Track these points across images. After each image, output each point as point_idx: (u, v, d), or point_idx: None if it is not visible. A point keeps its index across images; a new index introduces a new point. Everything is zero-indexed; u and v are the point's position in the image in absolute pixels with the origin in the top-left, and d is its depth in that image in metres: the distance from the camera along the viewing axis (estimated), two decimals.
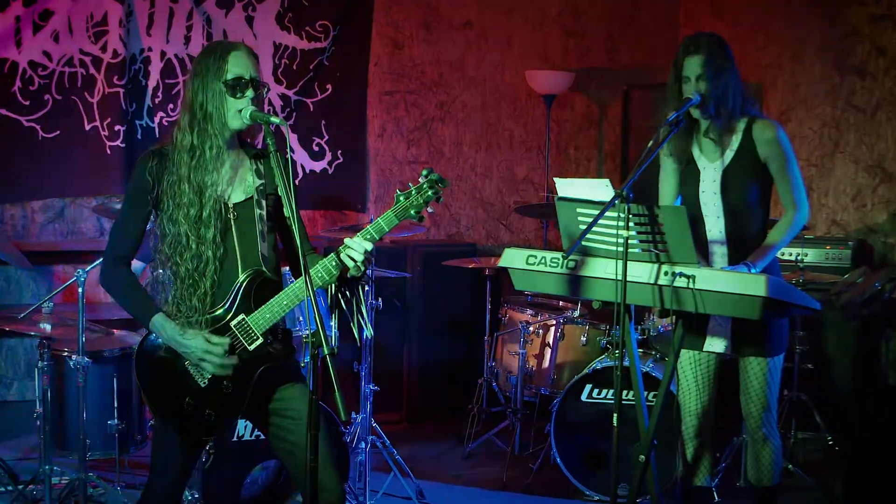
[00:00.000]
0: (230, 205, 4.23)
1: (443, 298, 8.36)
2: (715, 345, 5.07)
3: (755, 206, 5.04)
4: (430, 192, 4.13)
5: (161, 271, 4.28)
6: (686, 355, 5.22)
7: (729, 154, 5.02)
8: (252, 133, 4.33)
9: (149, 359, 4.23)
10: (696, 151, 5.12)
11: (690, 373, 5.24)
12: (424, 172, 4.13)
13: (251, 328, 4.16)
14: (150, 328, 4.18)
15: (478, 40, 9.26)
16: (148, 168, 4.16)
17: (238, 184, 4.27)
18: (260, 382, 4.20)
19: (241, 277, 4.17)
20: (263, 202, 4.29)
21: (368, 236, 4.13)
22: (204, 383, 4.16)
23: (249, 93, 4.16)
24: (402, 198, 4.14)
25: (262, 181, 4.30)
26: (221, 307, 4.16)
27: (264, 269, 4.23)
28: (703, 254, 5.04)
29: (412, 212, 4.14)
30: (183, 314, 4.15)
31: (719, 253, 5.08)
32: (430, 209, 4.17)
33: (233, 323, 4.16)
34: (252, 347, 4.17)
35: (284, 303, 4.16)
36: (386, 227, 4.15)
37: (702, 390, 5.24)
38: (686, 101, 4.83)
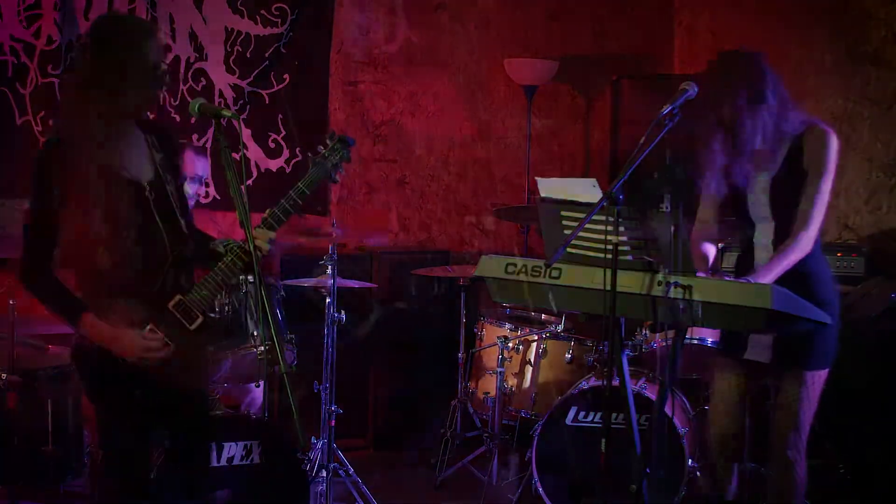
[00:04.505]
0: (144, 184, 4.34)
1: (413, 311, 8.39)
2: (758, 353, 5.17)
3: None
4: (343, 152, 4.58)
5: (83, 263, 4.33)
6: (720, 377, 5.34)
7: (778, 161, 5.18)
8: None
9: (89, 353, 4.31)
10: None
11: (720, 395, 5.38)
12: (330, 134, 4.58)
13: (189, 308, 4.31)
14: (78, 330, 4.27)
15: (452, 24, 9.29)
16: (51, 157, 4.23)
17: (144, 161, 4.40)
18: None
19: (171, 257, 4.32)
20: (169, 177, 4.43)
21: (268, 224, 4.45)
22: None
23: (158, 71, 4.28)
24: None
25: (162, 154, 4.45)
26: (155, 288, 4.28)
27: (189, 245, 4.42)
28: (748, 261, 5.20)
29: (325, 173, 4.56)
30: (111, 307, 4.23)
31: (766, 260, 5.18)
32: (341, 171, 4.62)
33: (170, 304, 4.29)
34: (193, 326, 4.32)
35: (220, 278, 4.34)
36: (307, 190, 4.46)
37: (736, 412, 5.37)
38: (682, 92, 4.87)
